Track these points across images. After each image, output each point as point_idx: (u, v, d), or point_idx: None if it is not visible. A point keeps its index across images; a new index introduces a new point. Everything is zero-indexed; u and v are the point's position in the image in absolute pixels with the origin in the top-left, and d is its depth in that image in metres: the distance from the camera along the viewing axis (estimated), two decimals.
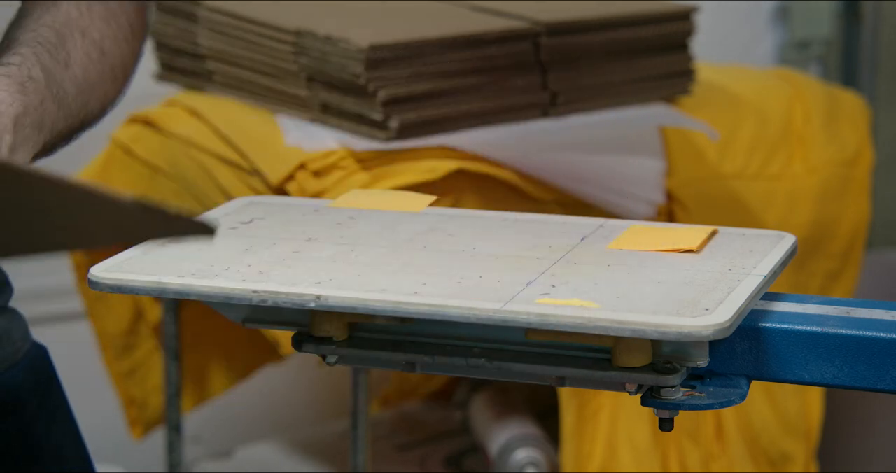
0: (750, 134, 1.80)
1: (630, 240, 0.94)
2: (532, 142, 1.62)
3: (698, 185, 1.73)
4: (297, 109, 1.65)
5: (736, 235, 0.96)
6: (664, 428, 0.86)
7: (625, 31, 1.70)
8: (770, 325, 0.85)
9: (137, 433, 1.94)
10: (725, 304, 0.83)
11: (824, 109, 1.86)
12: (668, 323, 0.80)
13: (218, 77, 1.74)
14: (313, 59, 1.60)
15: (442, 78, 1.58)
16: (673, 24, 1.74)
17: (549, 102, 1.67)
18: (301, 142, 1.59)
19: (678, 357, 0.84)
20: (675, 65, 1.75)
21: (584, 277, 0.88)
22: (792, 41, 2.55)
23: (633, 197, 1.63)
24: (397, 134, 1.56)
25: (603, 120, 1.69)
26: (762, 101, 1.84)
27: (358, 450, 1.65)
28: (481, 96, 1.62)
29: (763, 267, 0.89)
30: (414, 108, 1.57)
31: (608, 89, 1.70)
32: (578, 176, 1.61)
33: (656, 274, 0.88)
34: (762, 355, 0.85)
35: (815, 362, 0.84)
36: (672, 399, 0.84)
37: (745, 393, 0.85)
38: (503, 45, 1.62)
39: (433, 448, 2.06)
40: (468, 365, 0.86)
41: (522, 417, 1.89)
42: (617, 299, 0.84)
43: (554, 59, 1.65)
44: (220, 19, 1.71)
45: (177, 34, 1.78)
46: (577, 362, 0.85)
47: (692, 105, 1.76)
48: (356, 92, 1.56)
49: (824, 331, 0.84)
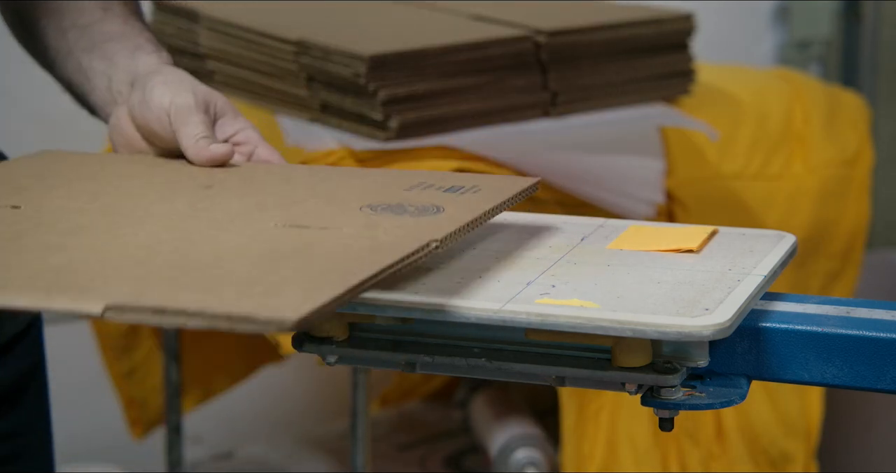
0: (750, 134, 1.80)
1: (630, 240, 0.94)
2: (532, 142, 1.62)
3: (698, 185, 1.73)
4: (298, 109, 1.65)
5: (736, 235, 0.95)
6: (664, 428, 0.86)
7: (625, 30, 1.70)
8: (770, 325, 0.85)
9: (138, 433, 1.94)
10: (725, 304, 0.83)
11: (824, 109, 1.86)
12: (668, 323, 0.80)
13: (218, 76, 1.74)
14: (314, 58, 1.60)
15: (442, 78, 1.59)
16: (673, 24, 1.74)
17: (550, 102, 1.67)
18: (301, 142, 1.59)
19: (678, 357, 0.84)
20: (676, 65, 1.75)
21: (584, 277, 0.88)
22: (792, 41, 2.55)
23: (633, 197, 1.63)
24: (397, 134, 1.56)
25: (603, 120, 1.69)
26: (762, 101, 1.84)
27: (358, 450, 1.65)
28: (481, 96, 1.62)
29: (763, 267, 0.89)
30: (414, 108, 1.57)
31: (608, 89, 1.70)
32: (578, 176, 1.61)
33: (656, 274, 0.88)
34: (762, 355, 0.85)
35: (815, 362, 0.84)
36: (672, 399, 0.84)
37: (745, 392, 0.85)
38: (503, 45, 1.62)
39: (433, 448, 2.06)
40: (468, 365, 0.86)
41: (522, 417, 1.89)
42: (617, 299, 0.84)
43: (554, 59, 1.65)
44: (222, 28, 1.71)
45: (177, 33, 1.78)
46: (576, 362, 0.85)
47: (692, 105, 1.76)
48: (356, 92, 1.56)
49: (824, 331, 0.84)
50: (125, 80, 1.03)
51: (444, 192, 0.91)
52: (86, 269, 0.75)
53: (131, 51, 1.04)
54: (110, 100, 1.03)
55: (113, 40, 1.05)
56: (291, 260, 0.76)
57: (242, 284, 0.72)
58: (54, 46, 1.07)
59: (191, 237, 0.80)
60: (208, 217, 0.85)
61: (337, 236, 0.81)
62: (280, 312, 0.67)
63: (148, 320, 0.69)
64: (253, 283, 0.72)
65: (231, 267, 0.75)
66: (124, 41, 1.05)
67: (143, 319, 0.69)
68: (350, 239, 0.81)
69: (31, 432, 1.11)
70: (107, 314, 0.69)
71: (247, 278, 0.73)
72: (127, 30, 1.06)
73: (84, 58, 1.05)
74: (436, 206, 0.88)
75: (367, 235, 0.81)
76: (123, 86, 1.03)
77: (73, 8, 1.07)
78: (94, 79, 1.04)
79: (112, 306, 0.70)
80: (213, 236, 0.80)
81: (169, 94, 0.98)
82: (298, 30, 1.64)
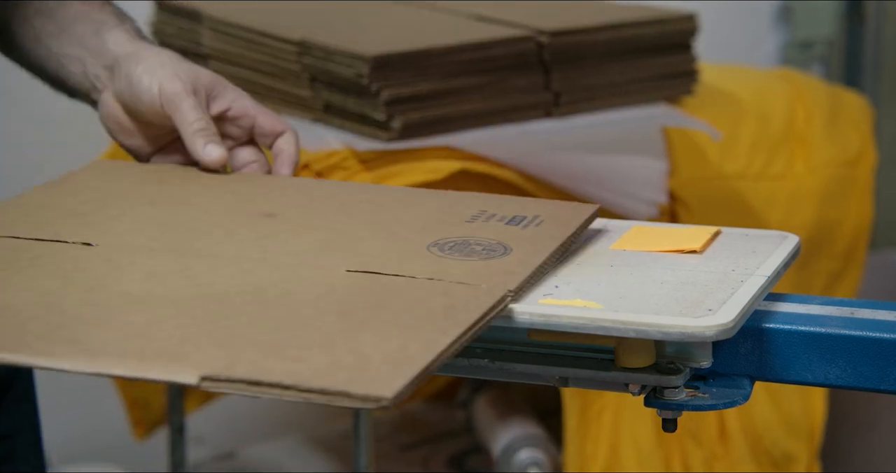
0: (752, 134, 1.80)
1: (633, 241, 0.94)
2: (535, 143, 1.62)
3: (700, 186, 1.73)
4: (300, 110, 1.65)
5: (739, 235, 0.95)
6: (668, 429, 0.86)
7: (628, 31, 1.70)
8: (773, 326, 0.85)
9: (140, 433, 1.94)
10: (729, 305, 0.83)
11: (827, 109, 1.86)
12: (671, 324, 0.80)
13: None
14: (316, 59, 1.60)
15: (445, 78, 1.58)
16: (676, 24, 1.74)
17: (552, 102, 1.66)
18: (304, 143, 1.58)
19: (681, 357, 0.84)
20: (678, 65, 1.75)
21: (587, 277, 0.88)
22: (794, 41, 2.55)
23: (636, 197, 1.63)
24: (400, 134, 1.56)
25: (605, 120, 1.69)
26: (764, 102, 1.84)
27: (360, 450, 1.65)
28: (484, 96, 1.62)
29: (766, 267, 0.89)
30: (417, 108, 1.57)
31: (611, 89, 1.70)
32: (581, 176, 1.61)
33: (659, 274, 0.88)
34: (765, 355, 0.85)
35: (818, 363, 0.84)
36: (675, 400, 0.84)
37: (749, 393, 0.85)
38: (506, 45, 1.62)
39: (436, 448, 2.06)
40: (471, 366, 0.86)
41: (525, 417, 1.89)
42: (620, 299, 0.84)
43: (557, 59, 1.65)
44: (224, 28, 1.71)
45: (179, 34, 1.78)
46: (580, 362, 0.85)
47: (694, 105, 1.76)
48: (359, 92, 1.56)
49: (828, 332, 0.84)
50: (100, 64, 1.03)
51: (507, 224, 0.92)
52: (173, 330, 0.76)
53: (96, 29, 1.04)
54: (89, 86, 1.04)
55: (77, 21, 1.05)
56: (372, 322, 0.77)
57: (330, 351, 0.74)
58: (20, 33, 1.07)
59: (266, 290, 0.81)
60: (277, 261, 0.86)
61: (411, 287, 0.82)
62: (376, 389, 0.70)
63: (243, 391, 0.71)
64: (340, 350, 0.74)
65: (314, 328, 0.77)
66: (88, 20, 1.05)
67: (238, 390, 0.71)
68: (424, 291, 0.82)
69: (20, 434, 1.10)
70: (203, 384, 0.71)
71: (333, 343, 0.75)
72: (87, 9, 1.06)
73: (53, 43, 1.05)
74: (503, 246, 0.88)
75: (441, 289, 0.82)
76: (100, 69, 1.03)
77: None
78: (68, 65, 1.04)
79: (207, 377, 0.72)
80: (288, 289, 0.81)
81: (156, 83, 0.99)
82: (301, 30, 1.64)
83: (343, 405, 0.70)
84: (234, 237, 0.90)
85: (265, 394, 0.71)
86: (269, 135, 1.03)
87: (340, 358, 0.73)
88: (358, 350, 0.74)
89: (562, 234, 0.90)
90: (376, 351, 0.74)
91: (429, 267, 0.85)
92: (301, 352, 0.74)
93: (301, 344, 0.75)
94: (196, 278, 0.83)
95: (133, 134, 1.02)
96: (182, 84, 0.99)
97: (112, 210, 0.94)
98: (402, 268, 0.84)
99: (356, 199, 0.97)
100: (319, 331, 0.76)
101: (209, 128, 0.99)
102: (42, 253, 0.86)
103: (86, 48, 1.04)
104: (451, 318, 0.78)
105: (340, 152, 1.56)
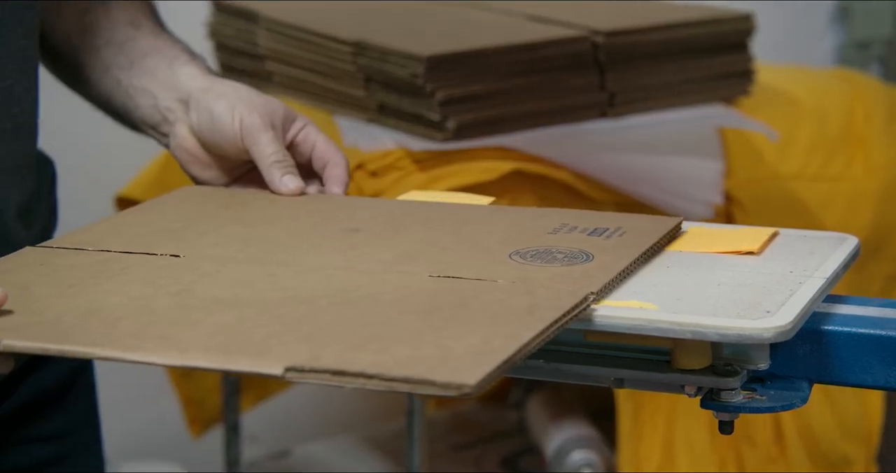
0: (809, 135, 1.78)
1: (689, 242, 0.94)
2: (589, 143, 1.62)
3: (757, 186, 1.72)
4: (355, 110, 1.65)
5: (797, 237, 0.95)
6: (724, 431, 0.85)
7: (683, 30, 1.70)
8: (832, 328, 0.84)
9: (196, 431, 1.96)
10: (787, 307, 0.82)
11: (885, 110, 1.84)
12: (728, 325, 0.80)
13: (277, 77, 1.75)
14: (371, 59, 1.61)
15: (499, 78, 1.58)
16: (732, 24, 1.73)
17: (607, 103, 1.66)
18: (358, 143, 1.59)
19: (738, 359, 0.84)
20: (735, 65, 1.74)
21: (643, 279, 0.87)
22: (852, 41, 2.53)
23: (691, 198, 1.63)
24: (454, 134, 1.56)
25: (661, 120, 1.68)
26: (822, 102, 1.82)
27: (414, 450, 1.65)
28: (538, 97, 1.61)
29: (825, 269, 0.88)
30: (471, 109, 1.57)
31: (666, 89, 1.69)
32: (636, 177, 1.61)
33: (716, 275, 0.88)
34: (824, 358, 0.84)
35: (878, 365, 0.83)
36: (732, 402, 0.83)
37: (807, 396, 0.84)
38: (560, 45, 1.62)
39: (488, 449, 2.06)
40: (526, 367, 0.86)
41: (578, 418, 1.89)
42: (676, 301, 0.84)
43: (611, 59, 1.64)
44: (280, 28, 1.72)
45: (236, 34, 1.79)
46: (635, 364, 0.84)
47: (751, 106, 1.75)
48: (413, 92, 1.57)
49: (888, 334, 0.83)
50: (173, 97, 1.05)
51: (589, 236, 0.92)
52: (258, 328, 0.78)
53: (169, 63, 1.06)
54: (160, 118, 1.06)
55: (149, 55, 1.07)
56: (455, 319, 0.78)
57: (414, 345, 0.75)
58: (88, 64, 1.09)
59: (350, 292, 0.83)
60: (361, 269, 0.87)
61: (492, 289, 0.83)
62: (459, 377, 0.70)
63: (327, 381, 0.72)
64: (424, 344, 0.75)
65: (398, 325, 0.78)
66: (160, 55, 1.07)
67: (323, 380, 0.72)
68: (507, 292, 0.82)
69: (80, 431, 1.12)
70: (287, 374, 0.72)
71: (416, 338, 0.76)
72: (160, 44, 1.08)
73: (123, 75, 1.07)
74: (585, 253, 0.89)
75: (523, 289, 0.82)
76: (173, 103, 1.05)
77: (105, 26, 1.09)
78: (137, 98, 1.06)
79: (292, 367, 0.72)
80: (372, 291, 0.83)
81: (237, 117, 1.02)
82: (356, 31, 1.64)
83: (426, 393, 0.70)
84: (319, 249, 0.91)
85: (349, 384, 0.71)
86: (322, 159, 1.05)
87: (424, 350, 0.74)
88: (441, 343, 0.75)
89: (644, 243, 0.90)
90: (460, 344, 0.74)
91: (511, 272, 0.86)
92: (385, 345, 0.75)
93: (385, 339, 0.76)
94: (282, 282, 0.85)
95: (208, 166, 1.05)
96: (261, 118, 1.02)
97: (199, 227, 0.96)
98: (485, 273, 0.85)
99: (438, 215, 0.98)
100: (403, 328, 0.77)
101: (286, 160, 1.03)
102: (132, 264, 0.88)
103: (158, 81, 1.06)
104: (534, 315, 0.78)
105: (395, 152, 1.57)
